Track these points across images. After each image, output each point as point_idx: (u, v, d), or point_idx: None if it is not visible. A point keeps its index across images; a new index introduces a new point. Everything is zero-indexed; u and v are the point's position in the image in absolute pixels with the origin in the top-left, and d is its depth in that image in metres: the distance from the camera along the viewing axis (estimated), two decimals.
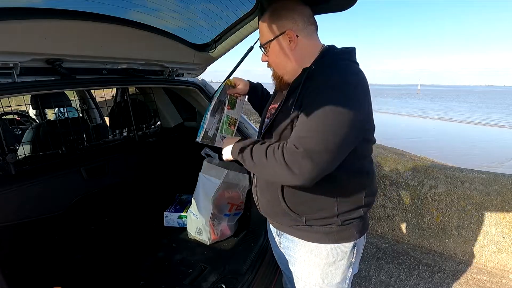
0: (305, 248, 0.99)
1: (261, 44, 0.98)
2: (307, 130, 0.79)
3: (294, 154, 0.78)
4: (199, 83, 1.92)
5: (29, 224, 1.64)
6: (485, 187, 2.26)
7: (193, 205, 1.81)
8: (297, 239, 1.00)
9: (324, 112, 0.77)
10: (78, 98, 3.07)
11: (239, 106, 1.26)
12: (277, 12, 0.93)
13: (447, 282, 2.11)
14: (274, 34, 0.93)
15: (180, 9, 1.35)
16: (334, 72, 0.85)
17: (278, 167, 0.80)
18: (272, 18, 0.94)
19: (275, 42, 0.94)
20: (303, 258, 1.01)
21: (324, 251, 0.97)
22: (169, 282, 1.46)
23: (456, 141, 11.79)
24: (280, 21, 0.92)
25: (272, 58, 0.97)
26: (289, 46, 0.92)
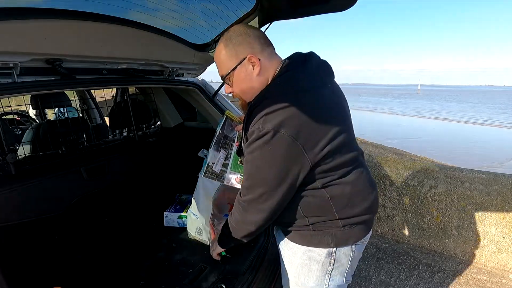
0: (288, 245, 1.04)
1: (223, 76, 0.95)
2: (245, 184, 0.93)
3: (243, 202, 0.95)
4: (199, 83, 1.92)
5: (29, 224, 1.64)
6: (485, 187, 2.26)
7: (193, 205, 1.81)
8: (285, 237, 1.05)
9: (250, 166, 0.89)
10: (78, 98, 3.07)
11: None
12: (232, 40, 0.91)
13: (447, 282, 2.11)
14: (235, 62, 0.91)
15: (180, 9, 1.35)
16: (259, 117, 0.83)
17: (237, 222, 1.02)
18: (228, 46, 0.91)
19: (238, 70, 0.91)
20: (284, 254, 1.07)
21: (298, 252, 1.00)
22: (169, 282, 1.46)
23: (456, 141, 11.79)
24: (238, 48, 0.90)
25: (238, 86, 0.94)
26: (253, 71, 0.91)
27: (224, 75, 0.95)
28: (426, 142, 11.24)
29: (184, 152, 2.22)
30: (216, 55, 0.95)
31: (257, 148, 0.82)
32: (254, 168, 0.86)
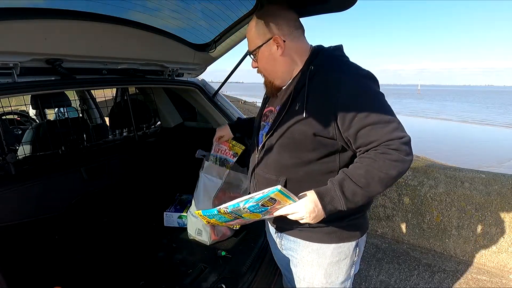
0: (308, 249, 0.99)
1: (250, 51, 0.99)
2: (386, 124, 0.81)
3: (406, 144, 0.81)
4: (199, 83, 1.92)
5: (29, 224, 1.64)
6: (485, 187, 2.26)
7: (193, 205, 1.81)
8: (300, 240, 1.00)
9: (378, 104, 0.83)
10: (78, 98, 3.07)
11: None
12: (262, 19, 0.93)
13: (447, 282, 2.11)
14: (261, 41, 0.94)
15: (180, 9, 1.35)
16: (337, 68, 0.88)
17: (404, 166, 0.81)
18: (257, 25, 0.94)
19: (263, 48, 0.94)
20: (306, 258, 1.00)
21: (327, 251, 0.97)
22: (169, 282, 1.46)
23: (456, 141, 11.79)
24: (266, 28, 0.93)
25: (262, 64, 0.97)
26: (277, 52, 0.93)
27: (251, 51, 0.98)
28: (426, 142, 11.25)
29: (184, 152, 2.22)
30: (247, 30, 0.99)
31: (369, 85, 0.85)
32: (381, 102, 0.84)
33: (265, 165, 0.99)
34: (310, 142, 0.88)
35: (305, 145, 0.89)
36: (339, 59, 0.92)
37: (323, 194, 0.82)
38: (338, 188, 0.81)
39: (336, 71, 0.87)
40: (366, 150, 0.83)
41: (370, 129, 0.80)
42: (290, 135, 0.91)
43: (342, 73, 0.86)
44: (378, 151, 0.81)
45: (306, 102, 0.87)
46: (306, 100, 0.87)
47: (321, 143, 0.88)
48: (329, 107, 0.83)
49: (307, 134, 0.87)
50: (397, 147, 0.79)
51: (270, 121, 1.01)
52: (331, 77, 0.86)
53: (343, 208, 0.81)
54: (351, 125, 0.81)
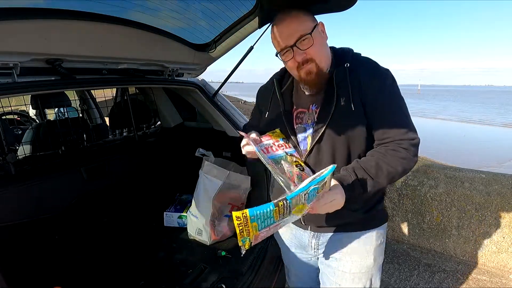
0: (355, 239, 1.01)
1: (302, 35, 0.88)
2: (401, 124, 0.89)
3: (415, 146, 0.89)
4: (199, 83, 1.92)
5: (29, 224, 1.64)
6: (485, 187, 2.26)
7: (193, 205, 1.81)
8: (344, 233, 1.01)
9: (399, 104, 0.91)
10: (78, 98, 3.07)
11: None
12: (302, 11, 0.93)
13: (447, 282, 2.11)
14: (314, 23, 0.92)
15: (180, 9, 1.35)
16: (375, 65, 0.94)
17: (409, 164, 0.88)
18: (302, 11, 0.93)
19: (316, 32, 0.91)
20: (354, 249, 1.01)
21: (373, 236, 1.01)
22: (169, 282, 1.46)
23: (456, 141, 11.79)
24: (310, 16, 0.94)
25: (317, 47, 0.91)
26: (324, 37, 0.95)
27: (304, 34, 0.88)
28: (426, 142, 11.20)
29: (184, 152, 2.22)
30: (290, 18, 0.91)
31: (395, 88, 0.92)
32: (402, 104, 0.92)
33: (317, 167, 0.95)
34: (363, 135, 0.91)
35: (359, 139, 0.92)
36: (368, 59, 0.97)
37: (343, 180, 0.84)
38: (354, 176, 0.85)
39: (370, 69, 0.93)
40: (379, 144, 0.91)
41: (390, 126, 0.89)
42: (344, 132, 0.90)
43: (376, 70, 0.93)
44: (389, 148, 0.88)
45: (352, 96, 0.89)
46: (350, 94, 0.89)
47: (368, 135, 0.92)
48: (365, 99, 0.89)
49: (361, 128, 0.90)
50: (407, 146, 0.87)
51: (310, 122, 0.97)
52: (366, 73, 0.91)
53: (357, 194, 0.85)
54: (376, 119, 0.90)
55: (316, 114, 0.96)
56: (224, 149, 2.06)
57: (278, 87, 1.06)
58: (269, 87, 1.11)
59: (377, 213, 1.02)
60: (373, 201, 0.99)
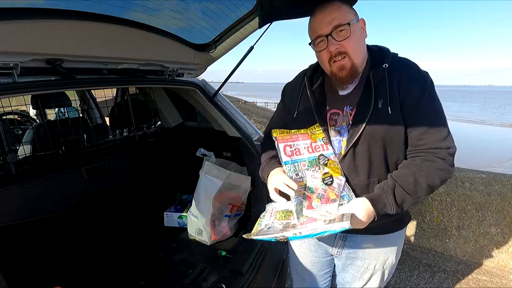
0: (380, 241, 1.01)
1: (340, 24, 0.85)
2: (439, 130, 0.85)
3: (452, 155, 0.85)
4: (199, 83, 1.92)
5: (29, 224, 1.64)
6: (485, 187, 2.26)
7: (193, 206, 1.81)
8: (372, 236, 1.00)
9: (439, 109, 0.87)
10: (78, 98, 3.07)
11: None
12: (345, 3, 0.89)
13: (448, 282, 2.11)
14: (355, 17, 0.89)
15: (180, 9, 1.35)
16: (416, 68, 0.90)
17: (447, 176, 0.86)
18: (345, 3, 0.89)
19: (355, 26, 0.87)
20: (379, 249, 1.02)
21: (398, 237, 1.03)
22: (169, 282, 1.46)
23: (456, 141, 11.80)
24: (352, 10, 0.91)
25: (353, 42, 0.87)
26: (363, 35, 0.91)
27: (342, 24, 0.85)
28: None
29: (184, 152, 2.22)
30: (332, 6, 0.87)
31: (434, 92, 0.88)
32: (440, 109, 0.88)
33: (351, 173, 0.91)
34: (400, 140, 0.88)
35: (396, 145, 0.88)
36: (408, 60, 0.93)
37: (377, 201, 0.83)
38: (391, 195, 0.83)
39: (413, 69, 0.89)
40: (414, 150, 0.87)
41: (426, 132, 0.85)
42: (381, 136, 0.86)
43: (417, 72, 0.89)
44: (425, 158, 0.84)
45: (389, 99, 0.85)
46: (388, 97, 0.85)
47: (405, 140, 0.88)
48: (404, 103, 0.86)
49: (398, 133, 0.86)
50: (444, 156, 0.84)
51: (345, 125, 0.92)
52: (407, 75, 0.87)
53: (392, 213, 0.84)
54: (414, 123, 0.86)
55: (351, 116, 0.91)
56: (224, 149, 2.06)
57: (309, 84, 0.99)
58: (298, 84, 1.05)
59: (404, 216, 1.02)
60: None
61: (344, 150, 0.90)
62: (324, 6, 0.88)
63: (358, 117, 0.88)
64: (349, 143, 0.89)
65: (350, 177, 0.91)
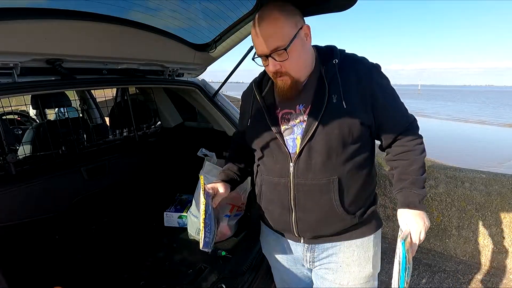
0: (351, 248, 0.97)
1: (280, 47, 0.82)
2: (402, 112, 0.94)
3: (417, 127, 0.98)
4: (199, 83, 1.92)
5: (29, 224, 1.64)
6: (485, 187, 2.26)
7: (193, 206, 1.81)
8: (341, 242, 0.97)
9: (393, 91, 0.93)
10: (78, 98, 3.07)
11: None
12: (286, 8, 0.84)
13: (448, 282, 2.11)
14: (295, 30, 0.83)
15: (180, 9, 1.35)
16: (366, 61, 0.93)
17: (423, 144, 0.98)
18: (285, 12, 0.83)
19: (297, 40, 0.83)
20: (351, 259, 0.97)
21: (370, 243, 0.99)
22: (169, 282, 1.46)
23: (456, 141, 11.79)
24: (295, 16, 0.85)
25: (293, 59, 0.84)
26: (306, 42, 0.88)
27: (285, 46, 0.81)
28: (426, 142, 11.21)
29: (184, 152, 2.22)
30: (268, 22, 0.82)
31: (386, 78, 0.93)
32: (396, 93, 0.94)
33: (308, 171, 0.89)
34: (356, 132, 0.87)
35: (352, 137, 0.87)
36: (355, 55, 0.95)
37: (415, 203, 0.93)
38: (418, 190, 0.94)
39: (363, 63, 0.91)
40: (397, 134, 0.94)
41: (397, 114, 0.93)
42: (337, 130, 0.85)
43: (369, 64, 0.91)
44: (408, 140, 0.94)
45: (343, 93, 0.86)
46: (342, 91, 0.86)
47: (363, 132, 0.89)
48: (364, 95, 0.87)
49: (355, 125, 0.86)
50: (416, 128, 0.97)
51: (298, 122, 0.91)
52: (361, 68, 0.90)
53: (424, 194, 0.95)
54: (384, 111, 0.90)
55: (305, 113, 0.90)
56: (224, 149, 2.06)
57: (258, 90, 1.00)
58: (249, 92, 1.05)
59: (372, 216, 0.99)
60: (368, 202, 0.97)
61: (299, 147, 0.88)
62: (263, 19, 0.83)
63: (313, 113, 0.87)
64: (304, 140, 0.87)
65: (307, 177, 0.89)
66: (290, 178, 0.90)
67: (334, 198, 0.89)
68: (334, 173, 0.88)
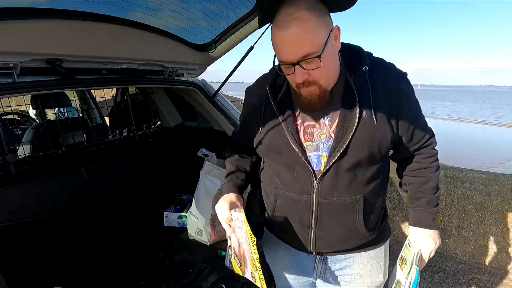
0: (365, 259, 0.94)
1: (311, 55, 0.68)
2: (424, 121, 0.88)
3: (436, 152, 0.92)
4: (199, 83, 1.92)
5: (29, 224, 1.64)
6: (485, 187, 2.26)
7: (193, 206, 1.81)
8: (355, 254, 0.93)
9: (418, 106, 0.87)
10: (78, 98, 3.07)
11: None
12: (315, 5, 0.69)
13: (447, 282, 2.11)
14: (327, 34, 0.70)
15: (180, 9, 1.35)
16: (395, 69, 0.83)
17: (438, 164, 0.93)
18: (316, 13, 0.68)
19: (329, 43, 0.70)
20: (365, 269, 0.95)
21: (382, 252, 0.98)
22: (169, 282, 1.46)
23: (456, 141, 11.79)
24: (325, 16, 0.71)
25: (326, 66, 0.72)
26: (336, 46, 0.75)
27: (318, 52, 0.68)
28: None
29: (184, 152, 2.22)
30: (297, 24, 0.66)
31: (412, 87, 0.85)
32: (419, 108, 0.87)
33: (333, 190, 0.81)
34: (385, 150, 0.81)
35: (380, 155, 0.81)
36: (383, 60, 0.84)
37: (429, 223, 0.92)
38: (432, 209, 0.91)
39: (391, 71, 0.81)
40: (415, 149, 0.89)
41: (418, 129, 0.86)
42: (367, 149, 0.77)
43: (397, 73, 0.82)
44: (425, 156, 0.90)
45: (373, 106, 0.76)
46: (372, 104, 0.76)
47: (389, 148, 0.83)
48: (391, 106, 0.79)
49: (384, 142, 0.79)
50: (434, 143, 0.91)
51: (324, 138, 0.80)
52: (389, 77, 0.80)
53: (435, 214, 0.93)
54: (407, 124, 0.82)
55: (331, 128, 0.79)
56: (224, 149, 2.06)
57: (272, 95, 0.84)
58: (259, 92, 0.89)
59: (385, 226, 0.97)
60: (382, 213, 0.94)
61: (325, 166, 0.79)
62: (289, 22, 0.67)
63: (342, 129, 0.77)
64: (332, 159, 0.78)
65: (331, 196, 0.82)
66: (313, 196, 0.82)
67: (358, 218, 0.84)
68: (360, 192, 0.82)
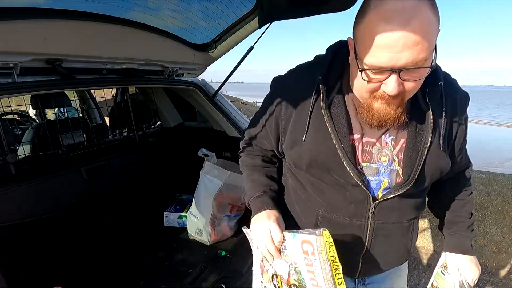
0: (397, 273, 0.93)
1: (422, 62, 0.54)
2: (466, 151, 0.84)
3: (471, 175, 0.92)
4: (199, 83, 1.92)
5: (29, 224, 1.64)
6: (485, 187, 2.26)
7: (193, 206, 1.81)
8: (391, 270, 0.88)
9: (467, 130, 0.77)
10: (78, 98, 3.07)
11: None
12: (436, 5, 0.54)
13: None
14: (436, 35, 0.55)
15: (180, 9, 1.35)
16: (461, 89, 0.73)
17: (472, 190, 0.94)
18: (436, 11, 0.54)
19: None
20: (398, 284, 0.94)
21: (406, 264, 0.97)
22: (169, 282, 1.46)
23: None
24: (437, 21, 0.55)
25: (422, 81, 0.59)
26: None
27: (423, 62, 0.54)
28: None
29: (184, 152, 2.22)
30: (419, 23, 0.51)
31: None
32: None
33: (392, 213, 0.72)
34: (445, 176, 0.77)
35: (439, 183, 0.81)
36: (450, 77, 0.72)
37: (469, 249, 0.91)
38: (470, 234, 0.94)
39: (460, 91, 0.71)
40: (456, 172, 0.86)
41: (464, 154, 0.82)
42: (431, 177, 0.69)
43: (465, 95, 0.72)
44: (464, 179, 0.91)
45: (444, 130, 0.66)
46: (443, 126, 0.65)
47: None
48: (458, 132, 0.71)
49: (446, 170, 0.71)
50: (471, 169, 0.92)
51: (386, 161, 0.68)
52: (458, 98, 0.70)
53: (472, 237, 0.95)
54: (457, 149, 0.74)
55: (394, 149, 0.67)
56: (224, 149, 2.06)
57: (326, 99, 0.66)
58: (304, 90, 0.69)
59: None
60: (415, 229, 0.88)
61: (386, 192, 0.69)
62: (404, 19, 0.51)
63: (412, 154, 0.65)
64: (398, 189, 0.67)
65: (389, 219, 0.73)
66: (368, 220, 0.71)
67: (412, 240, 0.81)
68: (416, 213, 0.77)
